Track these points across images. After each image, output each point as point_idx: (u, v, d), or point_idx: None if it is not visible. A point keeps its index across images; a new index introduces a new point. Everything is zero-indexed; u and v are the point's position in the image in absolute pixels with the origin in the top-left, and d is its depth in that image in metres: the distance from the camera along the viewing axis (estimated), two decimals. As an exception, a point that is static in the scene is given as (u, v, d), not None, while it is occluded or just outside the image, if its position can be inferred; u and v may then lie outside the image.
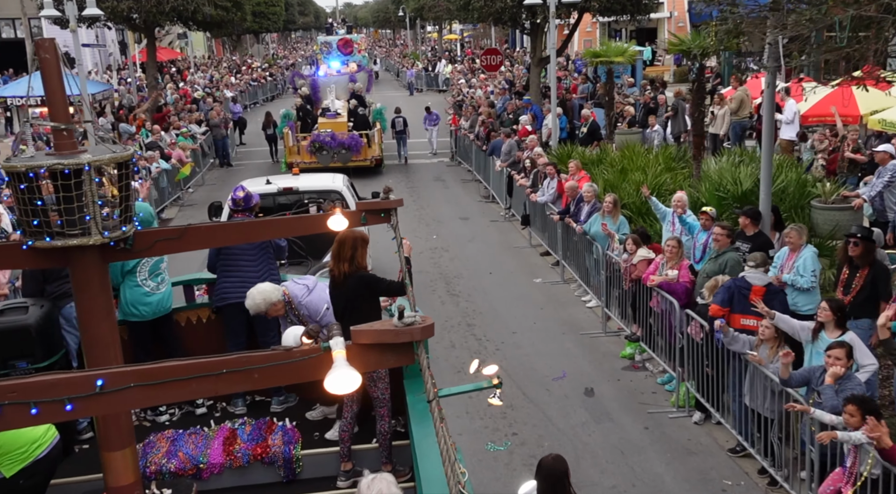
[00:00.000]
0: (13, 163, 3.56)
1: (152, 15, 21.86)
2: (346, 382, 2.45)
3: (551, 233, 13.64)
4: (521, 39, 55.12)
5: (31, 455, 4.22)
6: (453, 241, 15.57)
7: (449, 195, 19.84)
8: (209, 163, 23.26)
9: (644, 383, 9.12)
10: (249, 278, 6.28)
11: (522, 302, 11.97)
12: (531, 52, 22.87)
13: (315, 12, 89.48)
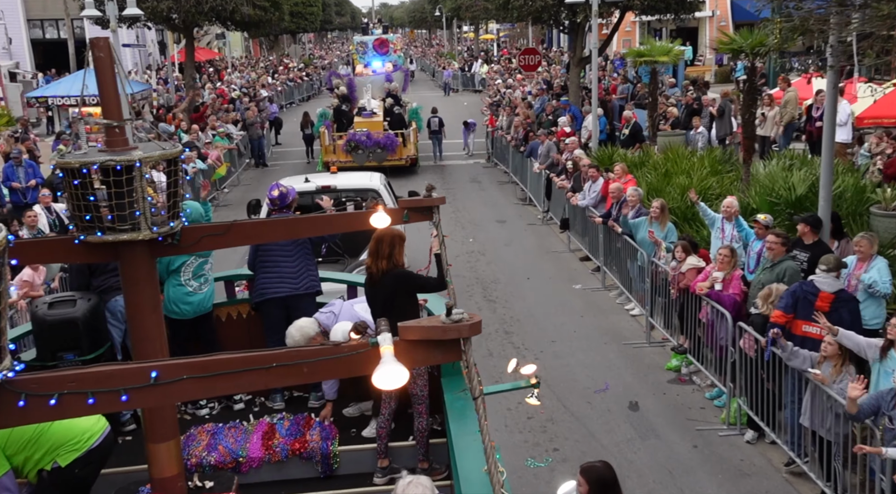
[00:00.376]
0: (67, 160, 3.64)
1: (191, 15, 21.87)
2: (395, 377, 2.46)
3: (592, 238, 13.24)
4: (558, 39, 54.59)
5: (86, 445, 4.31)
6: (490, 245, 15.24)
7: (485, 197, 19.51)
8: (245, 163, 23.22)
9: (691, 397, 8.70)
10: (287, 274, 6.36)
11: (562, 310, 11.61)
12: (570, 52, 22.43)
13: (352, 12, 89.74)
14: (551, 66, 34.97)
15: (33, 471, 4.28)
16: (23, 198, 13.95)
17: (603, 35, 33.00)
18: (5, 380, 2.32)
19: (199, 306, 6.28)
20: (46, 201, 11.59)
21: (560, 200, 15.52)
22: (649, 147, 16.28)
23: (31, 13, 40.74)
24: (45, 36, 41.95)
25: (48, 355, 5.14)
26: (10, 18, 38.28)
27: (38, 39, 41.55)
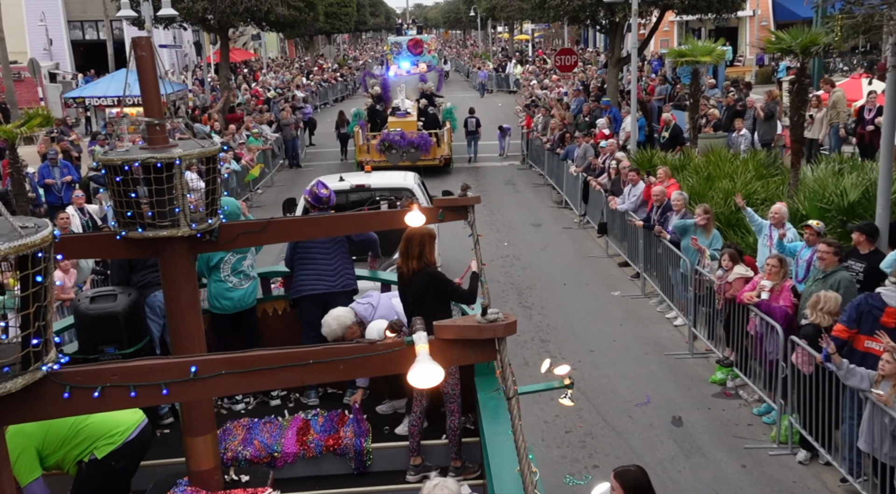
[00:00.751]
0: (110, 157, 3.74)
1: (226, 15, 21.88)
2: (430, 376, 2.46)
3: (631, 243, 12.87)
4: (594, 39, 53.95)
5: (121, 438, 4.35)
6: (525, 249, 14.93)
7: (520, 200, 19.19)
8: (278, 164, 23.18)
9: (738, 413, 8.31)
10: (324, 271, 6.40)
11: (600, 317, 11.26)
12: (608, 52, 22.00)
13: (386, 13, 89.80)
14: (587, 67, 34.49)
15: (72, 465, 4.32)
16: (59, 198, 13.99)
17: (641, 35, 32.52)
18: (51, 372, 2.35)
19: (240, 302, 6.31)
20: (80, 202, 11.55)
21: (597, 204, 15.15)
22: (690, 149, 15.82)
23: (72, 15, 41.30)
24: (85, 37, 42.48)
25: (90, 348, 5.22)
26: (52, 20, 38.84)
27: (78, 40, 42.10)
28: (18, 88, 29.33)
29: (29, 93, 30.14)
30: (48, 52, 38.12)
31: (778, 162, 14.71)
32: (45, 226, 2.31)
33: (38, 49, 38.15)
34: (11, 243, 2.12)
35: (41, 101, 30.00)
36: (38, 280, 2.25)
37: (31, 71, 29.23)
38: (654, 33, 21.76)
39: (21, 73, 30.00)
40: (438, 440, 5.47)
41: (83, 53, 41.85)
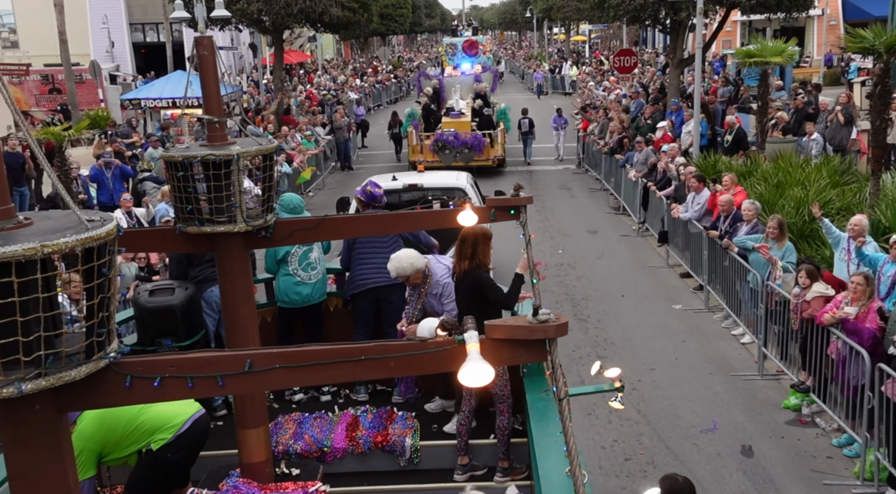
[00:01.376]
0: (171, 153, 3.87)
1: (280, 17, 21.79)
2: (480, 375, 2.45)
3: (694, 253, 12.20)
4: (653, 40, 52.76)
5: (174, 430, 4.44)
6: (580, 257, 14.35)
7: (575, 205, 18.59)
8: (330, 167, 23.01)
9: (815, 443, 7.64)
10: (383, 266, 6.31)
11: (661, 332, 10.64)
12: (670, 53, 21.22)
13: (441, 14, 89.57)
14: (646, 68, 33.59)
15: (133, 456, 4.48)
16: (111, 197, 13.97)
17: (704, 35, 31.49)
18: (113, 362, 2.41)
19: (308, 296, 6.37)
20: (128, 206, 11.45)
21: (657, 211, 14.49)
22: (757, 155, 15.02)
23: (134, 17, 42.07)
24: (146, 39, 43.23)
25: (148, 340, 5.34)
26: (114, 23, 39.60)
27: (139, 43, 42.88)
28: (80, 90, 29.91)
29: (90, 94, 30.71)
30: (110, 54, 38.86)
31: (853, 168, 13.84)
32: (110, 219, 2.34)
33: (101, 51, 38.94)
34: (78, 236, 2.17)
35: (101, 103, 30.56)
36: (104, 272, 2.30)
37: (92, 73, 29.76)
38: (719, 33, 20.87)
39: (82, 75, 30.58)
40: (486, 439, 5.46)
41: (144, 55, 42.58)
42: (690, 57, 21.66)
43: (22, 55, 36.75)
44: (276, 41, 24.23)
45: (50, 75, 31.22)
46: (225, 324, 4.22)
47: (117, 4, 40.59)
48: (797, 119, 18.18)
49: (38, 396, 2.25)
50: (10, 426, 2.36)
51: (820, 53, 37.15)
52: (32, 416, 2.34)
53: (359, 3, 22.43)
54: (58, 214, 2.40)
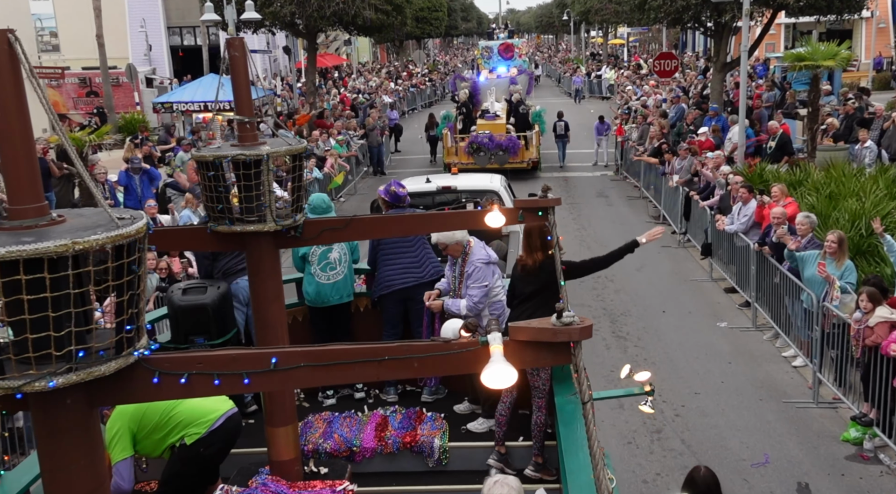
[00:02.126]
0: (203, 153, 3.92)
1: (313, 19, 21.53)
2: (503, 377, 2.45)
3: (741, 267, 11.55)
4: (692, 43, 51.70)
5: (206, 426, 4.49)
6: (619, 270, 13.53)
7: (613, 214, 17.97)
8: (363, 172, 22.67)
9: (880, 483, 6.99)
10: (410, 265, 6.41)
11: (705, 353, 10.03)
12: (713, 56, 20.50)
13: (478, 18, 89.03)
14: (685, 72, 32.75)
15: (166, 450, 4.53)
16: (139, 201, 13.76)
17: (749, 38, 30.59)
18: (142, 358, 2.44)
19: (328, 295, 6.36)
20: (152, 212, 11.17)
21: (700, 221, 13.84)
22: (808, 163, 14.29)
23: (172, 20, 42.29)
24: (183, 42, 43.44)
25: (181, 338, 5.40)
26: (152, 26, 39.81)
27: (176, 46, 43.09)
28: (116, 93, 30.07)
29: (126, 97, 30.85)
30: (147, 57, 39.08)
31: (911, 178, 13.06)
32: (140, 217, 2.36)
33: (139, 55, 39.19)
34: (109, 233, 2.20)
35: (137, 106, 30.67)
36: (133, 269, 2.33)
37: (129, 76, 29.87)
38: (764, 36, 20.09)
39: (119, 78, 30.71)
40: (517, 442, 5.44)
41: (182, 59, 42.77)
42: (734, 60, 20.93)
43: (59, 59, 37.09)
44: (310, 44, 23.99)
45: (87, 78, 31.41)
46: (254, 323, 4.27)
47: (155, 8, 40.81)
48: (847, 125, 17.38)
49: (70, 390, 2.29)
50: (43, 419, 2.40)
51: (868, 57, 35.95)
52: (64, 410, 2.37)
53: (392, 6, 22.09)
54: (89, 212, 2.43)
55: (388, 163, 24.57)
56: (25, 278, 2.12)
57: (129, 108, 30.25)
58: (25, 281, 2.12)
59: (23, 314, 2.16)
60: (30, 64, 2.28)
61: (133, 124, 26.04)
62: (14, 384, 2.19)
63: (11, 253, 2.07)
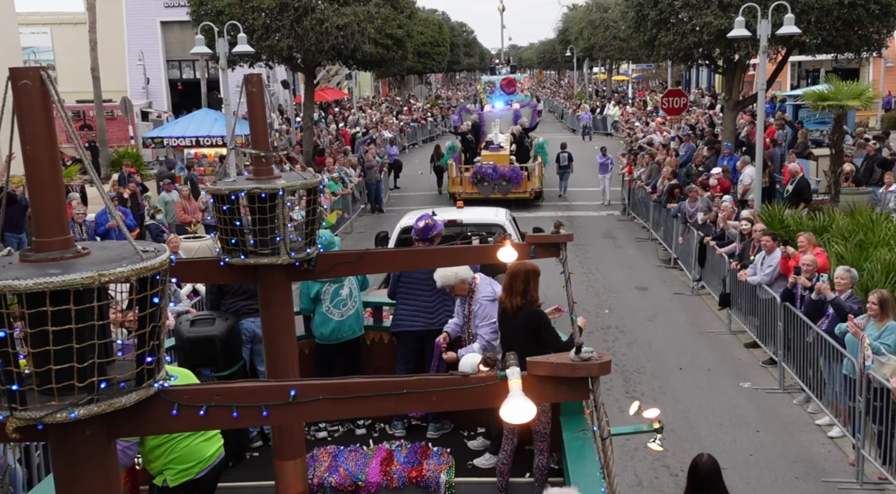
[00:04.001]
0: (218, 186, 3.94)
1: (311, 53, 20.91)
2: (522, 412, 2.45)
3: (764, 321, 10.66)
4: (696, 79, 51.34)
5: (193, 472, 4.55)
6: (629, 319, 12.86)
7: (621, 256, 17.12)
8: (359, 209, 21.87)
9: None
10: (424, 308, 6.44)
11: (730, 418, 9.09)
12: (726, 94, 19.82)
13: (480, 53, 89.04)
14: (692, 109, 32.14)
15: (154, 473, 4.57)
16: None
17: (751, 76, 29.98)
18: (162, 390, 2.43)
19: (340, 332, 6.38)
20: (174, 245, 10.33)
21: (717, 268, 12.98)
22: (830, 207, 13.46)
23: (171, 54, 41.93)
24: (182, 76, 43.03)
25: (188, 369, 5.25)
26: (151, 60, 39.43)
27: (175, 79, 42.68)
28: (110, 127, 29.49)
29: (120, 131, 30.27)
30: (145, 91, 38.63)
31: (942, 225, 12.22)
32: (164, 250, 2.38)
33: (137, 88, 38.76)
34: (134, 265, 2.22)
35: (131, 140, 30.01)
36: (155, 301, 2.34)
37: (123, 109, 29.26)
38: (778, 73, 19.43)
39: (114, 111, 30.12)
40: (521, 478, 5.44)
41: (181, 92, 42.32)
42: (746, 98, 20.25)
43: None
44: (308, 79, 23.38)
45: (81, 111, 30.78)
46: (266, 355, 4.29)
47: (155, 41, 40.49)
48: (868, 167, 16.63)
49: (89, 421, 2.28)
50: (61, 450, 2.38)
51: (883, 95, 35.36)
52: (83, 441, 2.36)
53: (393, 41, 21.50)
54: (113, 244, 2.46)
55: (387, 200, 23.79)
56: (52, 309, 2.13)
57: (124, 142, 29.61)
58: (51, 312, 2.13)
59: (47, 345, 2.16)
60: (60, 100, 2.26)
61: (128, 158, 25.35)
62: (36, 415, 2.19)
63: (39, 284, 2.09)
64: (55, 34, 43.74)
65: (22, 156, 2.29)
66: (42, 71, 2.24)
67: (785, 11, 13.29)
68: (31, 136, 2.27)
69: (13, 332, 2.17)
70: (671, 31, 17.80)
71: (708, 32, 16.83)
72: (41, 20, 44.15)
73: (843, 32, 16.08)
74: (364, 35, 20.36)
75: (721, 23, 16.64)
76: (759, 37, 13.63)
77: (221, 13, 19.98)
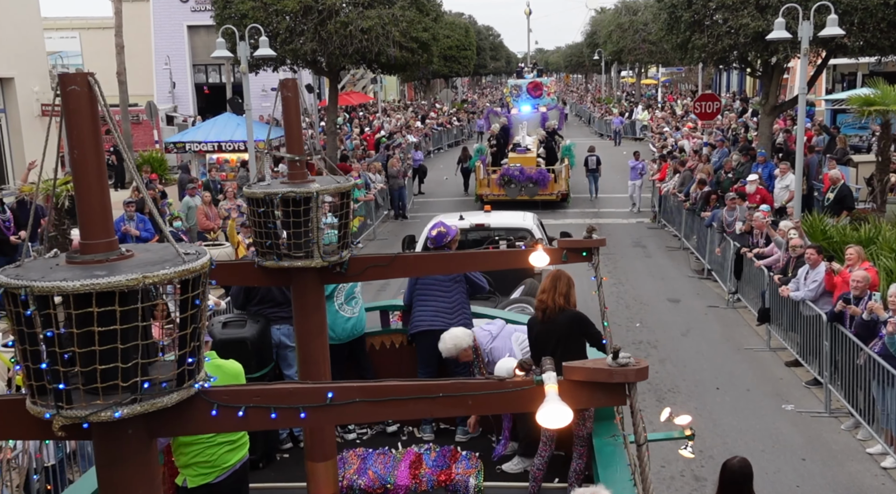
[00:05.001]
0: (254, 190, 4.01)
1: (335, 57, 20.57)
2: (559, 417, 2.46)
3: (807, 338, 10.05)
4: (727, 83, 50.42)
5: (211, 476, 4.59)
6: (662, 333, 12.29)
7: (652, 267, 16.52)
8: (382, 216, 21.49)
9: None
10: (442, 309, 6.46)
11: (772, 445, 8.51)
12: (761, 99, 19.14)
13: (507, 57, 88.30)
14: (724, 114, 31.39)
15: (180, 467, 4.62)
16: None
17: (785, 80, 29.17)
18: (202, 390, 2.46)
19: (354, 329, 6.39)
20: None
21: (755, 280, 12.38)
22: (875, 217, 12.80)
23: (197, 58, 41.94)
24: (209, 80, 43.05)
25: None
26: (177, 64, 39.46)
27: (201, 83, 42.72)
28: (136, 131, 29.39)
29: (145, 135, 30.17)
30: (171, 95, 38.65)
31: None
32: (204, 253, 2.41)
33: (164, 92, 38.80)
34: (176, 268, 2.27)
35: (156, 145, 29.92)
36: (196, 303, 2.38)
37: (149, 114, 29.19)
38: (818, 77, 18.72)
39: (139, 115, 30.05)
40: (551, 483, 5.45)
41: (207, 96, 42.31)
42: (784, 103, 19.57)
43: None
44: (332, 82, 23.05)
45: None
46: (298, 357, 4.35)
47: (181, 46, 40.52)
48: (913, 174, 15.87)
49: (132, 421, 2.32)
50: (105, 448, 2.43)
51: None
52: (125, 440, 2.40)
53: (418, 44, 21.08)
54: (156, 247, 2.49)
55: (411, 206, 23.38)
56: (97, 310, 2.18)
57: (149, 146, 29.51)
58: (97, 313, 2.18)
59: (93, 345, 2.21)
60: (107, 104, 2.32)
61: (151, 163, 25.20)
62: (81, 413, 2.25)
63: (85, 285, 2.14)
64: (84, 39, 44.04)
65: (69, 160, 2.31)
66: (89, 76, 2.26)
67: (827, 12, 12.69)
68: (78, 141, 2.29)
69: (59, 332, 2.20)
70: (705, 34, 17.19)
71: (744, 34, 16.21)
72: (70, 25, 44.50)
73: (887, 34, 15.37)
74: (388, 38, 19.98)
75: (758, 24, 16.02)
76: (800, 38, 13.00)
77: (245, 17, 19.71)
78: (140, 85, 36.97)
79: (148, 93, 37.13)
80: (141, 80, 37.73)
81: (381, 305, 7.24)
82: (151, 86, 39.82)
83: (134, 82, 31.06)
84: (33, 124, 21.79)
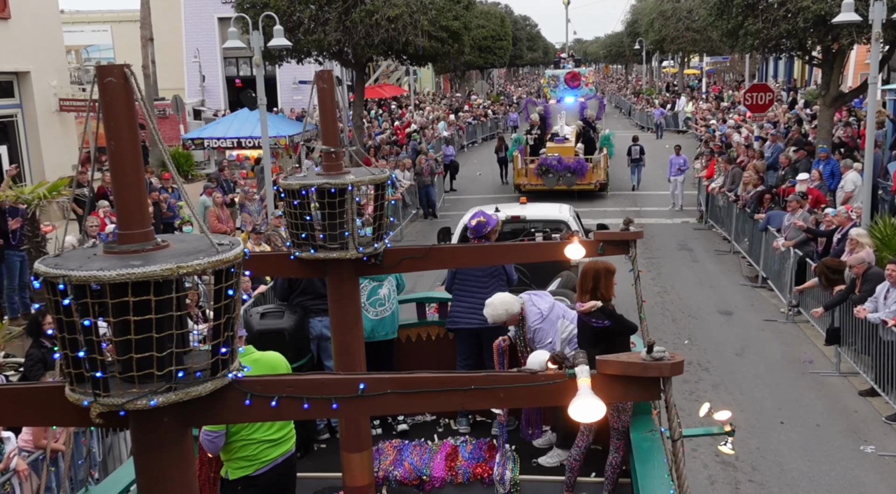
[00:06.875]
0: (289, 181, 3.99)
1: (360, 47, 19.50)
2: (591, 411, 2.45)
3: (887, 366, 8.73)
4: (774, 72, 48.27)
5: (251, 470, 4.68)
6: (714, 352, 11.02)
7: (699, 273, 15.19)
8: (410, 215, 20.41)
9: None
10: (480, 306, 6.30)
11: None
12: (821, 89, 17.61)
13: (544, 48, 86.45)
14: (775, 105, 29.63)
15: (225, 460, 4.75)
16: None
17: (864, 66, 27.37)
18: (235, 380, 2.48)
19: (373, 332, 6.28)
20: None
21: (822, 296, 11.01)
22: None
23: (228, 51, 41.28)
24: (240, 73, 42.41)
25: None
26: (207, 56, 38.84)
27: (232, 76, 42.09)
28: (162, 126, 28.72)
29: (172, 130, 29.46)
30: (202, 88, 38.05)
31: None
32: (238, 243, 2.43)
33: (194, 85, 38.22)
34: (210, 258, 2.29)
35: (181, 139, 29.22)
36: (230, 293, 2.40)
37: (175, 108, 28.50)
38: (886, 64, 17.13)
39: (166, 110, 29.39)
40: (587, 477, 5.42)
41: (239, 89, 41.65)
42: (845, 93, 18.01)
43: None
44: (357, 75, 22.00)
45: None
46: (334, 348, 4.33)
47: (212, 38, 39.88)
48: None
49: (167, 409, 2.36)
50: (141, 436, 2.47)
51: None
52: (161, 428, 2.44)
53: (448, 33, 19.90)
54: (190, 237, 2.52)
55: (441, 204, 22.25)
56: (133, 300, 2.21)
57: (175, 141, 28.83)
58: (133, 302, 2.21)
59: (129, 334, 2.25)
60: (143, 96, 2.33)
61: (178, 160, 24.45)
62: (118, 401, 2.28)
63: (122, 275, 2.18)
64: (115, 32, 43.70)
65: (107, 151, 2.32)
66: (126, 68, 2.28)
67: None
68: (115, 132, 2.31)
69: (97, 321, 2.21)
70: (760, 18, 15.74)
71: (804, 18, 14.75)
72: (101, 18, 44.21)
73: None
74: (417, 27, 18.85)
75: (820, 7, 14.56)
76: (871, 21, 11.58)
77: (267, 6, 18.76)
78: (171, 78, 36.42)
79: (179, 87, 36.57)
80: (172, 74, 37.19)
81: (416, 297, 7.29)
82: (182, 79, 39.27)
83: (164, 75, 30.46)
84: (51, 119, 21.14)
